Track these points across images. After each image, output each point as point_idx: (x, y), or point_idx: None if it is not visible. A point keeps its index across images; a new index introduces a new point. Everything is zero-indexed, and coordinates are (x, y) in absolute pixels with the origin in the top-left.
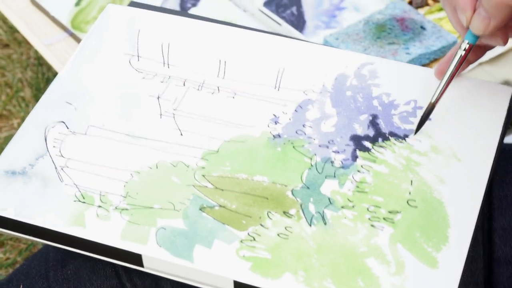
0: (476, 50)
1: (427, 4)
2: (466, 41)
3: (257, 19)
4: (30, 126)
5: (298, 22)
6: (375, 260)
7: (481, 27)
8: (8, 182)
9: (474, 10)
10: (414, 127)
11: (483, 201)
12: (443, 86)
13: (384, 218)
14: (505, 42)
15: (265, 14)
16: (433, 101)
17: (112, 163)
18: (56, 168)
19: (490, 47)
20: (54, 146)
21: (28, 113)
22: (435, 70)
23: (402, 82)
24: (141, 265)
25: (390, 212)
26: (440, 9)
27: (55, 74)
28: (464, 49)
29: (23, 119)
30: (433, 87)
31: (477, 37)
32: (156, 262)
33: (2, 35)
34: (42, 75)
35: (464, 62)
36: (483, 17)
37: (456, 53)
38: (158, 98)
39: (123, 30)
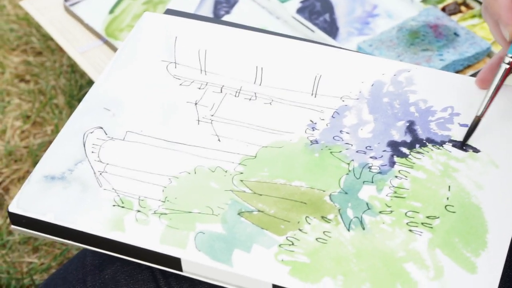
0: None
1: (460, 11)
2: (510, 55)
3: (290, 26)
4: (68, 132)
5: (331, 29)
6: (414, 265)
7: None
8: (48, 187)
9: None
10: (451, 133)
11: None
12: (489, 100)
13: (422, 223)
14: None
15: (298, 21)
16: (479, 114)
17: (151, 168)
18: (94, 173)
19: None
20: (92, 152)
21: (62, 120)
22: (476, 79)
23: (438, 89)
24: (180, 269)
25: (428, 217)
26: (473, 16)
27: (88, 81)
28: (508, 63)
29: (56, 126)
30: (469, 94)
31: None
32: (195, 266)
33: (35, 43)
34: (75, 82)
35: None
36: None
37: (500, 66)
38: (196, 104)
39: (160, 37)
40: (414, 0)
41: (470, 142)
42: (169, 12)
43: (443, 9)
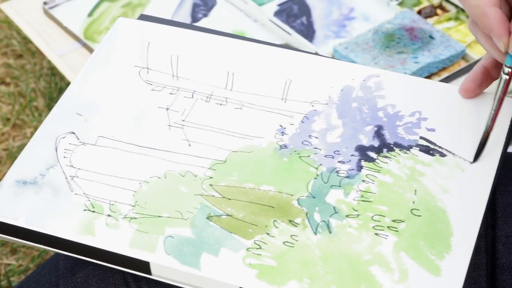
0: (499, 67)
1: (436, 14)
2: (509, 65)
3: (267, 29)
4: (41, 137)
5: (308, 32)
6: (379, 268)
7: None
8: (20, 191)
9: (510, 33)
10: (418, 138)
11: (486, 209)
12: (493, 113)
13: (388, 227)
14: None
15: (275, 24)
16: (487, 129)
17: (121, 173)
18: (66, 178)
19: None
20: (64, 157)
21: (41, 123)
22: (460, 89)
23: (407, 94)
24: (149, 273)
25: (394, 221)
26: (449, 19)
27: (68, 84)
28: (507, 73)
29: (36, 129)
30: (437, 99)
31: None
32: (164, 270)
33: (16, 46)
34: (55, 85)
35: (488, 77)
36: None
37: (501, 77)
38: (167, 109)
39: (133, 43)
40: (391, 3)
41: (438, 144)
42: (143, 17)
43: (419, 12)
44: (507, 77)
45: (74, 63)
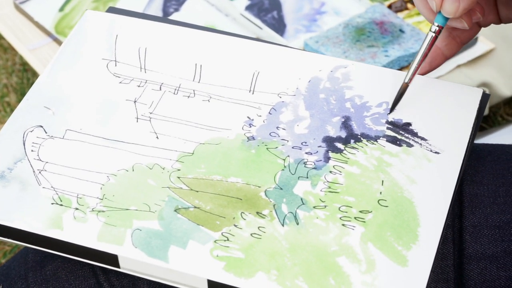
0: (452, 44)
1: (406, 8)
2: (436, 24)
3: (239, 24)
4: (8, 131)
5: (279, 26)
6: (346, 258)
7: (451, 9)
8: None
9: None
10: (385, 128)
11: (452, 200)
12: (415, 67)
13: (355, 218)
14: (469, 25)
15: (246, 18)
16: (406, 81)
17: (89, 166)
18: (34, 171)
19: (465, 42)
20: (32, 150)
21: None
22: None
23: (374, 85)
24: (118, 265)
25: (361, 211)
26: (419, 13)
27: None
28: (434, 31)
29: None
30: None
31: (446, 20)
32: (132, 262)
33: None
34: (27, 81)
35: (439, 54)
36: (453, 0)
37: (427, 34)
38: (135, 102)
39: (101, 36)
40: None
41: (403, 139)
42: (111, 10)
43: (390, 6)
44: (433, 34)
45: (45, 57)
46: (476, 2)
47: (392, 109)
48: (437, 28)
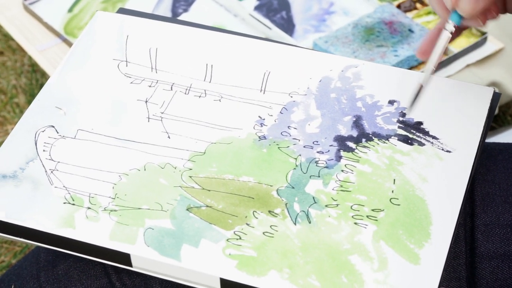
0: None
1: (415, 8)
2: (452, 23)
3: (248, 24)
4: (20, 131)
5: (288, 26)
6: (359, 257)
7: (469, 9)
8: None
9: None
10: (397, 127)
11: (464, 198)
12: (433, 69)
13: (367, 216)
14: (484, 23)
15: (255, 18)
16: (421, 82)
17: (101, 165)
18: (46, 171)
19: (465, 28)
20: (44, 150)
21: None
22: (417, 51)
23: (385, 84)
24: (130, 264)
25: (373, 210)
26: (428, 13)
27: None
28: (450, 31)
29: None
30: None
31: (460, 18)
32: (145, 261)
33: None
34: (36, 81)
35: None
36: None
37: (442, 33)
38: (146, 102)
39: (112, 36)
40: None
41: (415, 138)
42: (122, 11)
43: (399, 6)
44: (450, 34)
45: (54, 58)
46: (494, 1)
47: (410, 108)
48: (453, 28)
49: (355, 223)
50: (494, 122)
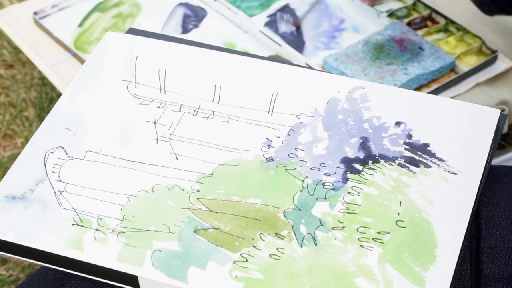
0: None
1: (425, 26)
2: None
3: (258, 40)
4: (30, 152)
5: (298, 43)
6: (364, 279)
7: None
8: (9, 207)
9: None
10: (403, 149)
11: (470, 221)
12: None
13: (373, 239)
14: None
15: (265, 35)
16: None
17: (110, 187)
18: (55, 192)
19: None
20: (53, 171)
21: (32, 133)
22: None
23: (392, 106)
24: (138, 286)
25: (379, 232)
26: (439, 31)
27: (58, 94)
28: None
29: (26, 139)
30: (422, 110)
31: None
32: (152, 283)
33: (6, 55)
34: (46, 95)
35: None
36: None
37: None
38: (155, 123)
39: (121, 57)
40: (381, 14)
41: (421, 160)
42: (131, 31)
43: (409, 24)
44: None
45: (64, 73)
46: None
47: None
48: None
49: (361, 246)
50: (503, 140)
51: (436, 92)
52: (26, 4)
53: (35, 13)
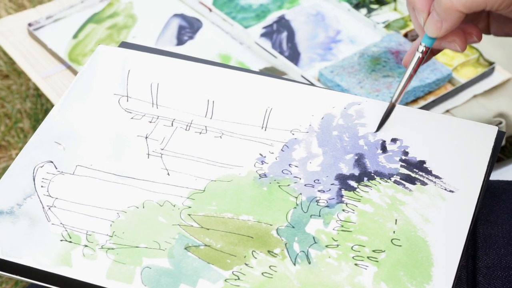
0: (433, 50)
1: None
2: (423, 44)
3: (253, 52)
4: (19, 166)
5: (294, 54)
6: None
7: (433, 30)
8: None
9: (429, 11)
10: (399, 166)
11: (466, 240)
12: (402, 87)
13: (368, 257)
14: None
15: (261, 46)
16: (393, 101)
17: (99, 202)
18: (43, 207)
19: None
20: (42, 186)
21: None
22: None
23: (388, 122)
24: None
25: (374, 251)
26: None
27: (53, 105)
28: (421, 51)
29: (21, 150)
30: (419, 127)
31: (433, 40)
32: None
33: (2, 66)
34: (41, 106)
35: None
36: (435, 20)
37: (414, 55)
38: (146, 138)
39: (113, 71)
40: (377, 25)
41: (417, 177)
42: (124, 45)
43: (406, 35)
44: (420, 54)
45: (58, 85)
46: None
47: (378, 129)
48: (424, 49)
49: (356, 264)
50: (501, 153)
51: (433, 104)
52: (21, 15)
53: (30, 25)
